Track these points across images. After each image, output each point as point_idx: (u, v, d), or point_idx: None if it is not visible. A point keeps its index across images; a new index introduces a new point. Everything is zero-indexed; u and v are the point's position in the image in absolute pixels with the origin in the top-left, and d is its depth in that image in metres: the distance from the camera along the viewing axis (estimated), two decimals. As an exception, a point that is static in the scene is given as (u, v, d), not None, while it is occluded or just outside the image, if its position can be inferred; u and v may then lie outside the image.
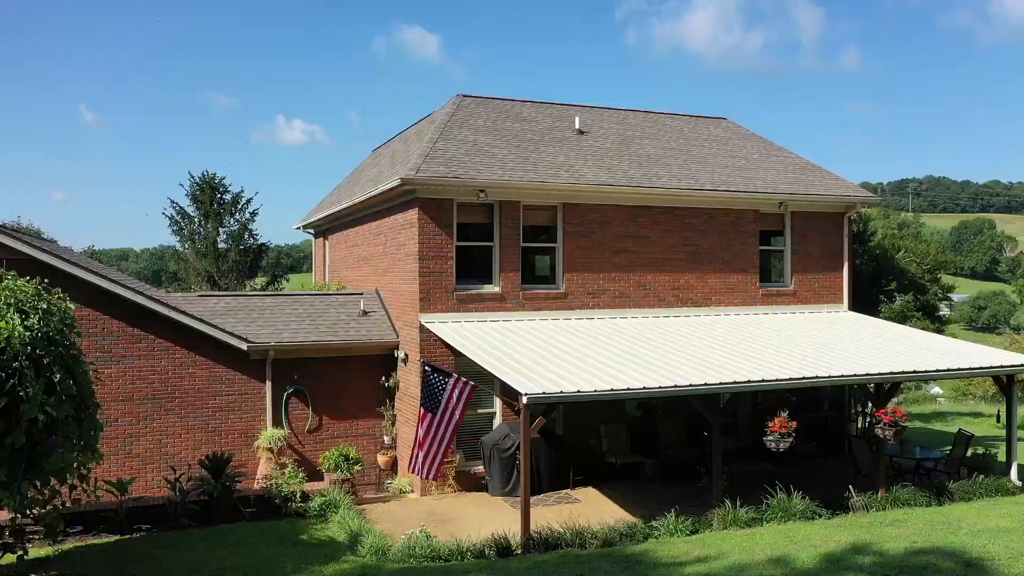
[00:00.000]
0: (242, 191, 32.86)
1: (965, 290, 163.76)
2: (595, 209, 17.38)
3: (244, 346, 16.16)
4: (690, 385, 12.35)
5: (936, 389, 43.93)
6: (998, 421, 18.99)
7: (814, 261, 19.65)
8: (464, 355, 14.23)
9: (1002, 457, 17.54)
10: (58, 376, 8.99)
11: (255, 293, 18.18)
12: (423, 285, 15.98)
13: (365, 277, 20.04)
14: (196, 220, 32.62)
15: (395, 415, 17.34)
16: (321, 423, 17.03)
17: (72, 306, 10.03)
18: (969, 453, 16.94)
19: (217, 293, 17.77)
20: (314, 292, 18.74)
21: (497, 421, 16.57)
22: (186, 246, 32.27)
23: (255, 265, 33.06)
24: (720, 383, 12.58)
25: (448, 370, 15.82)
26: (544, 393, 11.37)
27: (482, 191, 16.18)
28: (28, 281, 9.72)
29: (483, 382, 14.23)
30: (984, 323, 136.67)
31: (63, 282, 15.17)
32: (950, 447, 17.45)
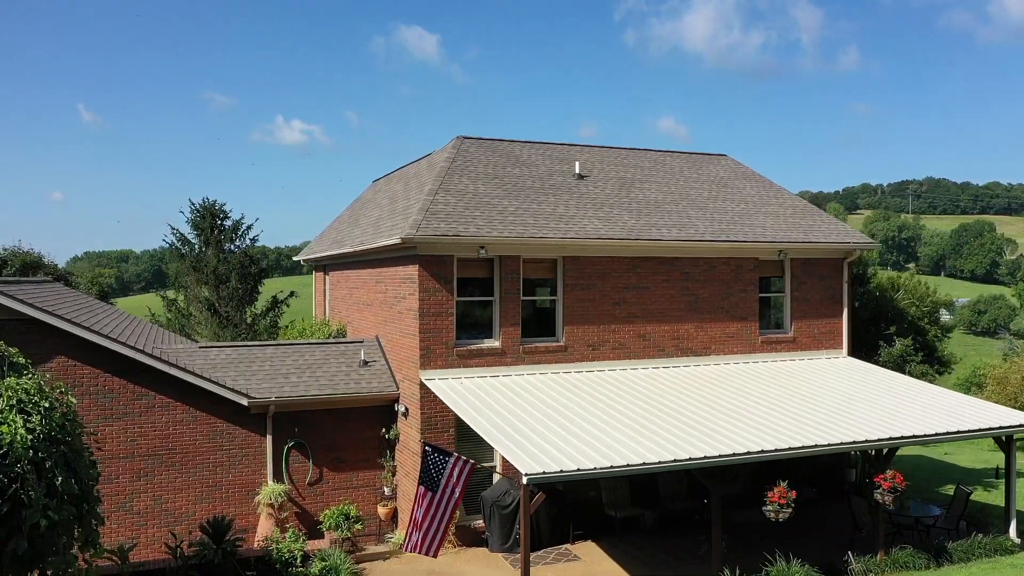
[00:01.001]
0: (242, 218, 32.92)
1: (965, 294, 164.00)
2: (595, 261, 17.41)
3: (245, 401, 16.19)
4: (689, 459, 12.39)
5: None
6: (997, 476, 19.07)
7: (813, 307, 19.69)
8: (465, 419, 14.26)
9: (1000, 502, 17.64)
10: (60, 479, 9.01)
11: (255, 344, 18.21)
12: (423, 342, 16.01)
13: (366, 321, 20.08)
14: (197, 247, 32.65)
15: (395, 466, 17.38)
16: (322, 475, 17.07)
17: (74, 400, 10.04)
18: (971, 494, 17.05)
19: (217, 344, 17.81)
20: (314, 341, 18.78)
21: (497, 476, 16.60)
22: (187, 273, 32.27)
23: (255, 291, 33.07)
24: (719, 455, 12.61)
25: (448, 427, 15.96)
26: (544, 473, 11.40)
27: (482, 247, 16.22)
28: (31, 377, 9.72)
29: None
30: (984, 327, 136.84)
31: (64, 340, 15.41)
32: (951, 488, 17.44)
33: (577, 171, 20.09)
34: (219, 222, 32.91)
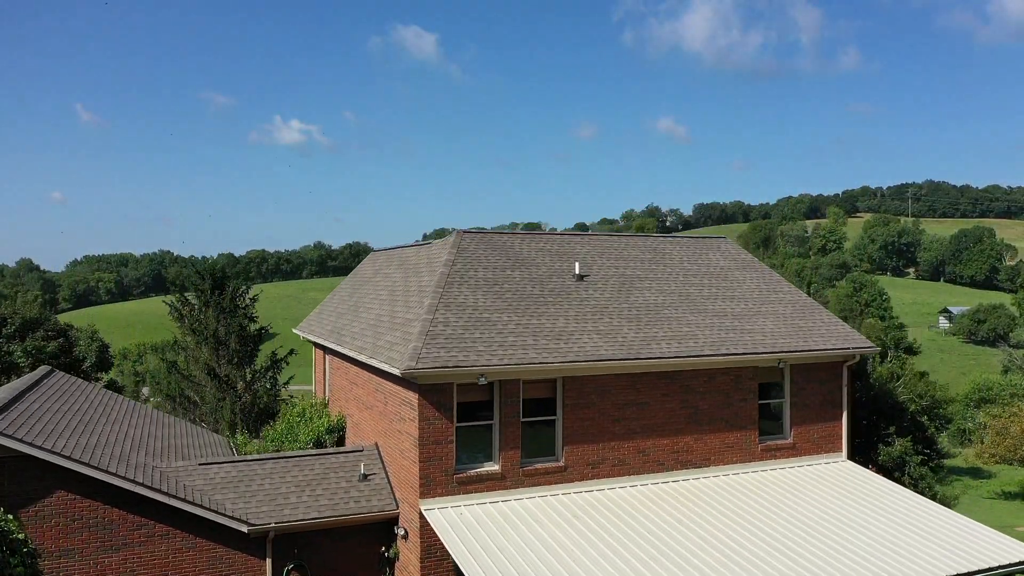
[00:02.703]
0: (242, 283, 32.92)
1: (964, 300, 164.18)
2: (595, 379, 17.42)
3: (245, 528, 16.21)
4: (689, 627, 12.43)
5: None
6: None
7: (813, 411, 19.70)
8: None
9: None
10: None
11: (254, 458, 18.22)
12: (423, 470, 16.02)
13: (365, 423, 20.09)
14: (197, 307, 32.65)
15: (395, 583, 17.42)
16: (321, 595, 17.09)
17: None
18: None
19: (217, 461, 17.80)
20: (313, 452, 18.78)
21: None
22: (186, 335, 32.31)
23: (255, 351, 33.10)
24: (719, 620, 12.65)
25: (448, 555, 15.96)
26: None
27: (482, 375, 16.22)
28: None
29: None
30: (984, 336, 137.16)
31: (63, 474, 15.40)
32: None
33: (577, 271, 20.06)
34: (218, 281, 32.91)
